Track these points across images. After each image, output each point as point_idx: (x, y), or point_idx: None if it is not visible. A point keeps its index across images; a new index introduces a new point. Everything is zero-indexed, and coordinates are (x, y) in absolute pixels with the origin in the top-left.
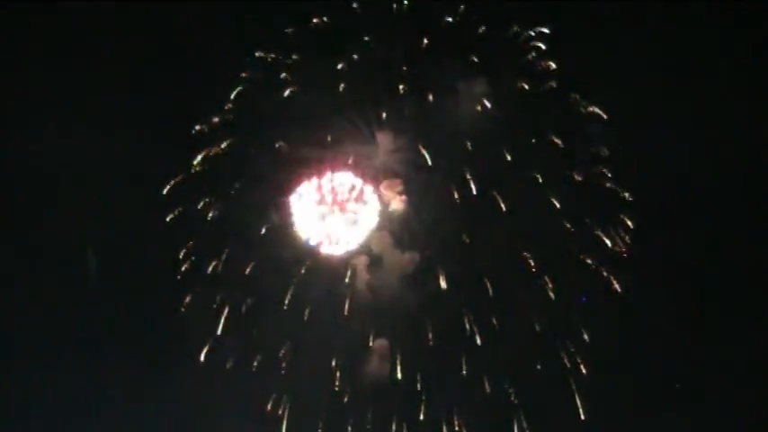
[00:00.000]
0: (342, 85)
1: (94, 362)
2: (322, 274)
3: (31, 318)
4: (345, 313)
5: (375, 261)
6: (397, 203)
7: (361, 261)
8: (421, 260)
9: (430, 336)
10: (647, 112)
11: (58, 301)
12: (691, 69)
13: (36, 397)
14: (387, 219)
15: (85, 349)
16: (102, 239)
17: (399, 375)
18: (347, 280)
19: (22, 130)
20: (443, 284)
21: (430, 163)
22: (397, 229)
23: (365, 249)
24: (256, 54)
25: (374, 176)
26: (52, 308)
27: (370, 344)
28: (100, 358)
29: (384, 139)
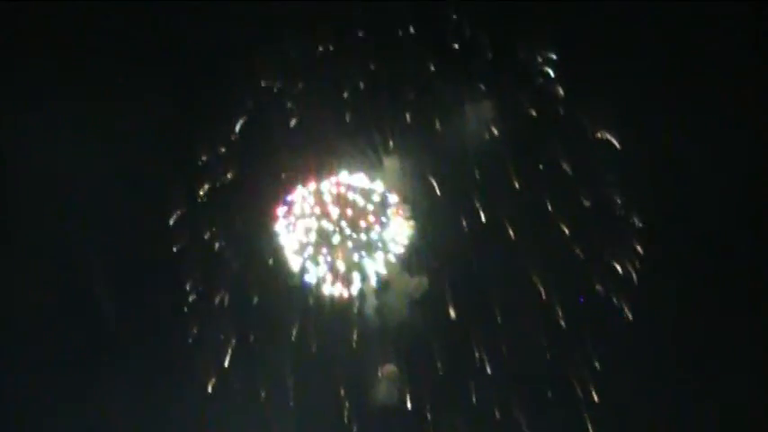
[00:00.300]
0: (348, 115)
1: (100, 393)
2: (328, 304)
3: (32, 345)
4: (354, 341)
5: (383, 286)
6: (406, 229)
7: (369, 286)
8: (429, 287)
9: (439, 364)
10: (658, 137)
11: (63, 330)
12: (704, 96)
13: (37, 426)
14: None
15: (91, 380)
16: (108, 271)
17: (408, 405)
18: (355, 310)
19: (26, 150)
20: (452, 312)
21: (438, 190)
22: (405, 255)
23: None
24: (262, 83)
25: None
26: (56, 336)
27: (379, 373)
28: (106, 390)
29: (391, 167)
